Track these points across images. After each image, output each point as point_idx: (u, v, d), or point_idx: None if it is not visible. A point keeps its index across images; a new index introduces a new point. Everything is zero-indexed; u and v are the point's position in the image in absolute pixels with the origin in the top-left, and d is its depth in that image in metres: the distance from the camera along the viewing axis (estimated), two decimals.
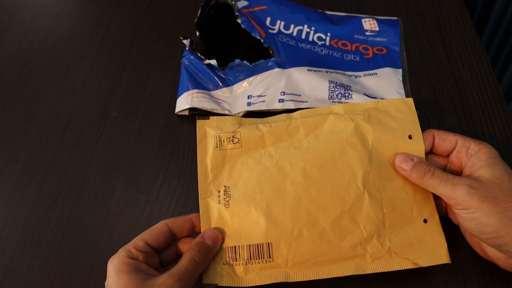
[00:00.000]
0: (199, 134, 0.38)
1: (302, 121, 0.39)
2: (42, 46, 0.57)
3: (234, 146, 0.38)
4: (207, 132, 0.38)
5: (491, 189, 0.31)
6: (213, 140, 0.38)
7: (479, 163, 0.33)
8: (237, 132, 0.38)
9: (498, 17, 0.78)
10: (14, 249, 0.40)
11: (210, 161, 0.37)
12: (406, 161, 0.36)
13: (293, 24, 0.52)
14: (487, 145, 0.35)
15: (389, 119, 0.38)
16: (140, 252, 0.33)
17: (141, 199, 0.42)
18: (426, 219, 0.35)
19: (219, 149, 0.37)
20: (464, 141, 0.36)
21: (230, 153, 0.37)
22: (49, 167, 0.45)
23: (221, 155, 0.37)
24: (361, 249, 0.34)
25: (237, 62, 0.47)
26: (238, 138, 0.38)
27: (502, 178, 0.32)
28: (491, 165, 0.33)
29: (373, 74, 0.48)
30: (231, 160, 0.37)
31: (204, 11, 0.51)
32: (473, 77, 0.49)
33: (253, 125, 0.39)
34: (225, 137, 0.38)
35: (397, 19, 0.55)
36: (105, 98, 0.50)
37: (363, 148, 0.37)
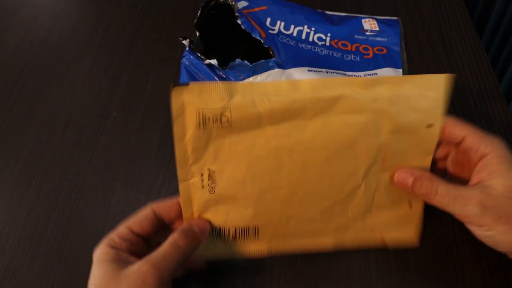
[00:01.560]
0: (175, 107, 0.30)
1: (310, 99, 0.31)
2: (42, 46, 0.57)
3: (220, 125, 0.30)
4: (186, 107, 0.30)
5: (505, 206, 0.29)
6: (194, 118, 0.30)
7: (490, 169, 0.31)
8: (227, 109, 0.30)
9: (498, 17, 0.78)
10: (14, 249, 0.40)
11: (190, 142, 0.31)
12: (405, 179, 0.33)
13: (293, 25, 0.52)
14: (498, 146, 0.31)
15: (412, 105, 0.32)
16: (123, 240, 0.31)
17: (141, 199, 0.42)
18: (411, 205, 0.35)
19: (202, 129, 0.30)
20: (474, 138, 0.32)
21: (217, 132, 0.31)
22: (49, 167, 0.45)
23: (205, 135, 0.31)
24: (344, 228, 0.35)
25: (237, 62, 0.47)
26: (227, 116, 0.30)
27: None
28: (503, 173, 0.30)
29: (373, 74, 0.48)
30: (217, 140, 0.31)
31: (204, 11, 0.51)
32: (473, 77, 0.49)
33: (248, 98, 0.31)
34: (210, 114, 0.30)
35: (397, 19, 0.55)
36: (105, 98, 0.50)
37: (374, 140, 0.32)
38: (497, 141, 0.32)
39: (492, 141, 0.31)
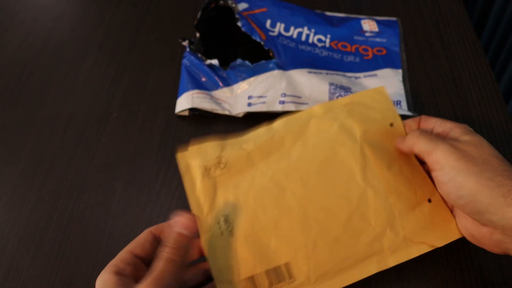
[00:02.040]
0: (181, 168, 0.36)
1: (286, 131, 0.38)
2: (43, 47, 0.57)
3: (222, 172, 0.35)
4: (190, 164, 0.36)
5: (470, 151, 0.31)
6: (199, 170, 0.36)
7: (457, 135, 0.33)
8: (222, 157, 0.36)
9: (497, 17, 0.78)
10: (16, 249, 0.40)
11: (201, 193, 0.35)
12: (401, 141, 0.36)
13: (293, 26, 0.52)
14: (463, 124, 0.34)
15: (368, 110, 0.38)
16: (127, 265, 0.31)
17: (141, 199, 0.42)
18: (430, 199, 0.35)
19: (207, 178, 0.35)
20: (441, 123, 0.35)
21: (220, 180, 0.35)
22: (50, 167, 0.45)
23: (211, 184, 0.35)
24: (378, 244, 0.34)
25: (238, 62, 0.47)
26: (224, 162, 0.36)
27: (482, 143, 0.32)
28: (469, 133, 0.33)
29: (373, 75, 0.48)
30: (222, 187, 0.35)
31: (204, 13, 0.51)
32: (472, 77, 0.49)
33: (236, 145, 0.37)
34: (210, 164, 0.36)
35: (396, 19, 0.55)
36: (106, 98, 0.50)
37: (353, 143, 0.36)
38: (456, 122, 0.35)
39: (456, 123, 0.34)
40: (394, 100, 0.45)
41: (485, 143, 0.32)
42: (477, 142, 0.32)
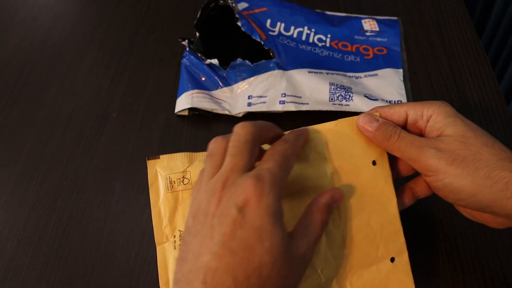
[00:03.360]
0: (150, 176, 0.35)
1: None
2: (42, 46, 0.57)
3: (184, 187, 0.35)
4: (158, 173, 0.36)
5: (458, 150, 0.29)
6: (164, 182, 0.35)
7: (438, 125, 0.31)
8: (187, 172, 0.35)
9: (498, 17, 0.78)
10: (15, 249, 0.40)
11: (162, 205, 0.35)
12: (370, 122, 0.32)
13: (293, 26, 0.52)
14: (440, 105, 0.32)
15: (349, 143, 0.33)
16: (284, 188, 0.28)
17: (141, 199, 0.42)
18: (394, 258, 0.32)
19: (170, 191, 0.35)
20: (415, 109, 0.32)
21: (182, 195, 0.35)
22: (49, 167, 0.45)
23: (173, 198, 0.35)
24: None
25: (238, 61, 0.47)
26: (188, 178, 0.35)
27: (467, 135, 0.30)
28: (451, 124, 0.30)
29: (374, 75, 0.48)
30: (183, 202, 0.35)
31: (204, 13, 0.51)
32: (473, 77, 0.49)
33: (203, 162, 0.36)
34: (175, 178, 0.35)
35: (397, 19, 0.55)
36: (105, 98, 0.50)
37: (321, 179, 0.33)
38: (436, 102, 0.32)
39: (432, 103, 0.32)
40: (395, 100, 0.45)
41: (470, 133, 0.30)
42: (462, 136, 0.30)
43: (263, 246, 0.24)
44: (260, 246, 0.24)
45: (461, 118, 0.31)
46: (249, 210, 0.25)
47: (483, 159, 0.29)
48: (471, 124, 0.31)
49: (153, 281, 0.37)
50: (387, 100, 0.45)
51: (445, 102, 0.32)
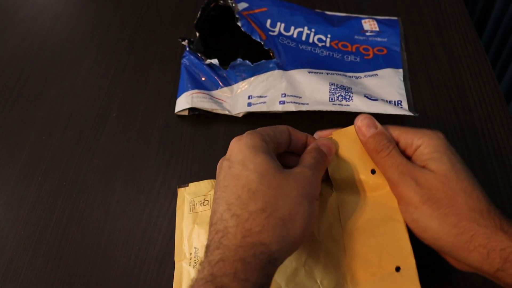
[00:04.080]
0: (179, 201, 0.39)
1: None
2: (42, 46, 0.57)
3: (204, 208, 0.38)
4: (185, 199, 0.39)
5: (435, 190, 0.29)
6: (188, 205, 0.39)
7: (424, 157, 0.30)
8: (208, 195, 0.38)
9: (498, 17, 0.78)
10: (14, 249, 0.40)
11: (184, 225, 0.38)
12: (368, 126, 0.32)
13: (293, 26, 0.52)
14: (431, 136, 0.31)
15: (347, 153, 0.33)
16: (270, 141, 0.30)
17: (141, 199, 0.42)
18: (399, 267, 0.30)
19: (191, 212, 0.38)
20: (406, 137, 0.32)
21: (200, 215, 0.38)
22: (49, 167, 0.45)
23: (192, 218, 0.38)
24: None
25: (239, 61, 0.47)
26: (208, 200, 0.38)
27: (449, 175, 0.29)
28: (436, 160, 0.30)
29: (374, 75, 0.48)
30: (200, 221, 0.37)
31: (204, 13, 0.51)
32: (473, 77, 0.49)
33: None
34: (197, 200, 0.38)
35: (397, 19, 0.55)
36: (105, 98, 0.50)
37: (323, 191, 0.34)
38: (429, 132, 0.31)
39: (424, 133, 0.31)
40: (395, 100, 0.45)
41: (452, 175, 0.29)
42: (443, 175, 0.29)
43: (248, 169, 0.28)
44: (245, 170, 0.28)
45: (448, 155, 0.30)
46: (233, 154, 0.29)
47: (455, 206, 0.28)
48: (457, 163, 0.30)
49: (153, 281, 0.37)
50: (387, 100, 0.45)
51: (439, 134, 0.32)
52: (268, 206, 0.27)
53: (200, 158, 0.44)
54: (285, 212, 0.27)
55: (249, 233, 0.26)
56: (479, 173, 0.41)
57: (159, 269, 0.37)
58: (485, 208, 0.28)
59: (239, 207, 0.27)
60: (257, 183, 0.27)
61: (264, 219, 0.26)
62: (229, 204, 0.27)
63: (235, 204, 0.27)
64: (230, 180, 0.28)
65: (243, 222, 0.26)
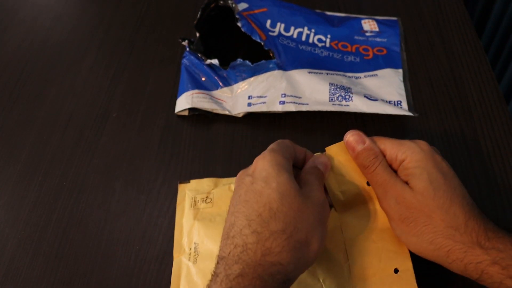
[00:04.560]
0: (179, 197, 0.40)
1: None
2: (42, 46, 0.57)
3: (206, 205, 0.38)
4: (186, 195, 0.40)
5: (413, 209, 0.30)
6: (189, 201, 0.39)
7: (406, 172, 0.31)
8: (211, 193, 0.39)
9: (498, 17, 0.78)
10: (15, 249, 0.40)
11: (185, 220, 0.38)
12: (356, 142, 0.33)
13: (293, 26, 0.52)
14: (414, 150, 0.32)
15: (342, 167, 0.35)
16: (290, 158, 0.32)
17: (141, 199, 0.42)
18: (397, 269, 0.32)
19: (192, 208, 0.38)
20: (391, 151, 0.33)
21: (202, 212, 0.38)
22: (49, 167, 0.45)
23: (193, 214, 0.38)
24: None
25: (239, 61, 0.47)
26: (211, 198, 0.39)
27: (426, 193, 0.30)
28: (416, 176, 0.31)
29: (373, 75, 0.48)
30: (201, 218, 0.38)
31: (204, 13, 0.51)
32: (473, 77, 0.49)
33: (226, 185, 0.40)
34: (199, 197, 0.39)
35: (396, 19, 0.55)
36: (106, 98, 0.50)
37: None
38: (412, 146, 0.32)
39: (408, 147, 0.32)
40: (395, 100, 0.45)
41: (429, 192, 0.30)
42: (421, 194, 0.30)
43: (270, 187, 0.29)
44: (267, 188, 0.29)
45: (428, 170, 0.31)
46: (256, 170, 0.30)
47: (432, 224, 0.30)
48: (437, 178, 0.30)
49: (153, 281, 0.37)
50: (387, 100, 0.45)
51: (422, 145, 0.32)
52: (288, 227, 0.28)
53: (200, 158, 0.44)
54: (303, 235, 0.28)
55: (269, 251, 0.27)
56: (479, 173, 0.41)
57: (159, 269, 0.37)
58: (462, 223, 0.29)
59: (260, 224, 0.28)
60: (279, 203, 0.28)
61: (284, 240, 0.27)
62: (249, 220, 0.28)
63: (256, 221, 0.28)
64: (251, 195, 0.29)
65: (263, 240, 0.27)
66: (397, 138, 0.43)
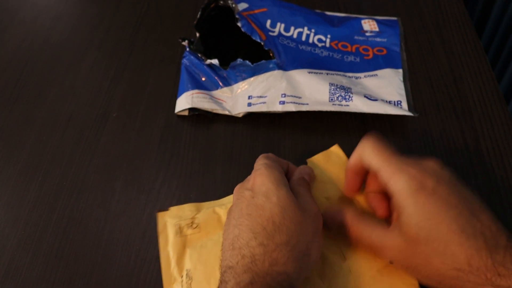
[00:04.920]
0: (160, 225, 0.39)
1: None
2: (42, 46, 0.57)
3: (193, 231, 0.38)
4: (167, 222, 0.39)
5: (410, 257, 0.29)
6: (173, 228, 0.38)
7: (398, 203, 0.30)
8: (195, 218, 0.39)
9: (498, 17, 0.78)
10: (15, 249, 0.40)
11: (171, 248, 0.37)
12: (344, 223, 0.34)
13: (293, 26, 0.52)
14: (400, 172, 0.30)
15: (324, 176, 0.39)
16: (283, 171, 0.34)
17: (141, 199, 0.42)
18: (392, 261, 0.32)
19: (179, 235, 0.38)
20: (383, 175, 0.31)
21: (190, 238, 0.38)
22: (49, 167, 0.45)
23: (182, 241, 0.38)
24: None
25: (239, 61, 0.47)
26: (196, 223, 0.38)
27: (418, 240, 0.28)
28: (405, 223, 0.29)
29: (373, 75, 0.48)
30: (191, 245, 0.37)
31: (204, 13, 0.51)
32: (473, 77, 0.49)
33: (210, 209, 0.39)
34: (184, 224, 0.38)
35: (396, 19, 0.55)
36: (106, 98, 0.50)
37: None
38: (404, 178, 0.30)
39: (398, 178, 0.30)
40: (394, 100, 0.45)
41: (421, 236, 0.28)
42: (415, 238, 0.29)
43: (271, 201, 0.30)
44: (269, 202, 0.30)
45: (417, 211, 0.28)
46: (256, 185, 0.32)
47: (433, 268, 0.29)
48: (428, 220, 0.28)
49: (153, 281, 0.37)
50: (387, 101, 0.45)
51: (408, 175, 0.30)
52: (291, 240, 0.30)
53: (200, 158, 0.44)
54: (303, 246, 0.30)
55: (275, 262, 0.29)
56: (479, 173, 0.41)
57: (160, 269, 0.37)
58: (465, 264, 0.27)
59: (266, 237, 0.29)
60: (281, 217, 0.30)
61: (288, 251, 0.29)
62: (255, 233, 0.30)
63: (262, 234, 0.29)
64: (253, 209, 0.31)
65: (270, 252, 0.29)
66: (397, 138, 0.43)
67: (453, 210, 0.28)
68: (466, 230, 0.27)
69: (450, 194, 0.29)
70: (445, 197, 0.29)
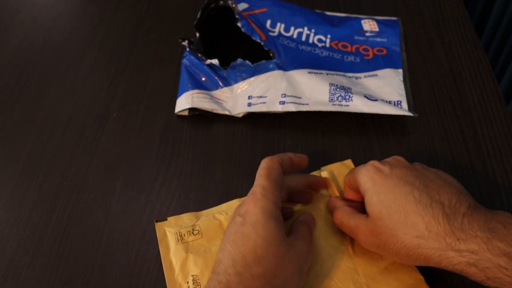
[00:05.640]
0: (159, 235, 0.39)
1: None
2: (42, 46, 0.57)
3: (195, 237, 0.38)
4: (167, 232, 0.39)
5: (379, 234, 0.31)
6: (174, 236, 0.38)
7: (363, 190, 0.34)
8: (196, 225, 0.39)
9: (498, 17, 0.78)
10: (15, 249, 0.40)
11: (173, 256, 0.37)
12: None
13: (293, 27, 0.52)
14: (360, 175, 0.34)
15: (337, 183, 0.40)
16: (279, 201, 0.34)
17: (141, 199, 0.42)
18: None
19: (180, 243, 0.38)
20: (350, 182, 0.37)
21: (193, 244, 0.38)
22: (49, 167, 0.45)
23: (184, 248, 0.37)
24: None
25: (239, 61, 0.47)
26: (198, 230, 0.38)
27: (382, 216, 0.31)
28: (368, 204, 0.33)
29: (373, 75, 0.48)
30: (194, 250, 0.37)
31: (204, 13, 0.51)
32: (473, 77, 0.49)
33: (210, 216, 0.39)
34: (185, 231, 0.38)
35: (396, 19, 0.55)
36: (106, 98, 0.50)
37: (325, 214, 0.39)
38: (359, 171, 0.35)
39: (360, 170, 0.35)
40: (394, 100, 0.45)
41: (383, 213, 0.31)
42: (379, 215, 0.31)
43: (257, 233, 0.31)
44: (254, 233, 0.31)
45: (376, 191, 0.32)
46: (248, 213, 0.32)
47: (399, 241, 0.30)
48: (386, 197, 0.31)
49: (153, 281, 0.37)
50: (387, 101, 0.45)
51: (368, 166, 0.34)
52: (268, 273, 0.30)
53: (200, 158, 0.44)
54: (280, 281, 0.30)
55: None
56: (479, 173, 0.41)
57: (160, 269, 0.37)
58: (424, 230, 0.29)
59: (243, 267, 0.30)
60: (263, 250, 0.30)
61: (263, 283, 0.30)
62: (234, 261, 0.30)
63: (240, 263, 0.30)
64: (239, 237, 0.31)
65: (244, 281, 0.29)
66: (397, 138, 0.43)
67: (409, 185, 0.31)
68: (423, 200, 0.30)
69: (407, 174, 0.32)
70: (401, 176, 0.32)
